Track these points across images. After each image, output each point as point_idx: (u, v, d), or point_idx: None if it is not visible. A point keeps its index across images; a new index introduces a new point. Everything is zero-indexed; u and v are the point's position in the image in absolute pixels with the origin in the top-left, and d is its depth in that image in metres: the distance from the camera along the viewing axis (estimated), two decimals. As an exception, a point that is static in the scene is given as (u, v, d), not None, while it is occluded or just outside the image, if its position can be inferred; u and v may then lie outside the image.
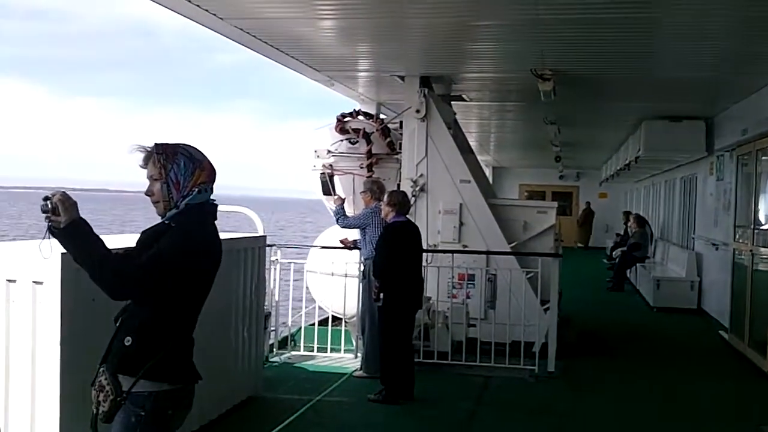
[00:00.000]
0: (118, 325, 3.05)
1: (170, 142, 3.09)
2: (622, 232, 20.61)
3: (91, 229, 2.89)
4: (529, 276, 8.92)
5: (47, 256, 2.96)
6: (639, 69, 9.11)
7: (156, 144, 3.06)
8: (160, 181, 3.01)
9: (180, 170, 3.01)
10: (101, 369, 3.02)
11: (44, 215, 2.85)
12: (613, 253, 18.85)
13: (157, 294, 2.93)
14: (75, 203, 2.86)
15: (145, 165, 3.06)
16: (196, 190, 3.04)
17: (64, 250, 2.90)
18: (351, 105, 11.63)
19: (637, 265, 16.90)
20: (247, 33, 7.51)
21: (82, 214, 2.91)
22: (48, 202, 2.84)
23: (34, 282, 4.42)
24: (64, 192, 2.87)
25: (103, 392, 2.97)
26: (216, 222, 3.19)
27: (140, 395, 2.93)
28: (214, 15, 6.76)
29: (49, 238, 2.89)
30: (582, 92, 10.71)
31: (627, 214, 21.01)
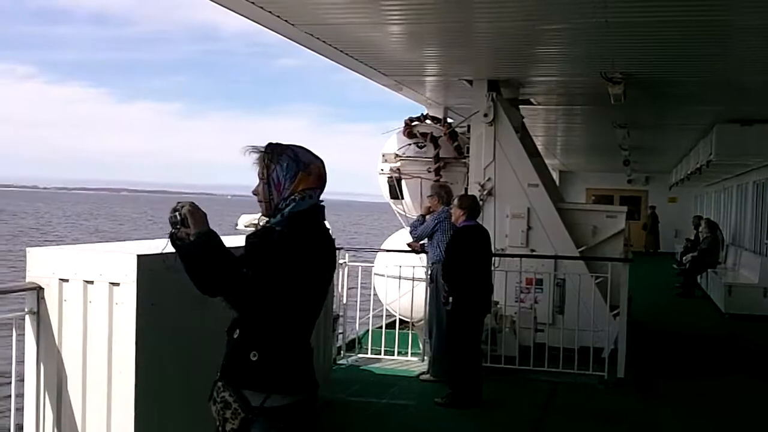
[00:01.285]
0: (235, 338, 2.89)
1: (285, 143, 2.97)
2: (692, 237, 20.14)
3: (221, 241, 2.78)
4: (598, 281, 8.80)
5: (176, 267, 2.85)
6: (710, 71, 8.92)
7: (268, 143, 2.95)
8: (263, 180, 2.91)
9: (282, 171, 2.88)
10: (220, 384, 2.90)
11: (171, 226, 2.76)
12: (684, 258, 18.43)
13: (280, 305, 2.80)
14: (204, 215, 2.78)
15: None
16: (298, 196, 2.87)
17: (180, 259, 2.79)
18: (418, 109, 11.67)
19: (708, 270, 16.49)
20: (318, 39, 7.62)
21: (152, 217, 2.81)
22: (177, 213, 2.75)
23: (110, 283, 4.55)
24: (192, 203, 2.77)
25: (230, 409, 2.83)
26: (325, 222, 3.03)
27: (275, 409, 2.80)
28: (286, 21, 6.88)
29: (171, 249, 2.79)
30: (652, 95, 10.53)
31: (698, 218, 20.51)
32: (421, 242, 8.61)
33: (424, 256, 8.85)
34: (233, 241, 6.77)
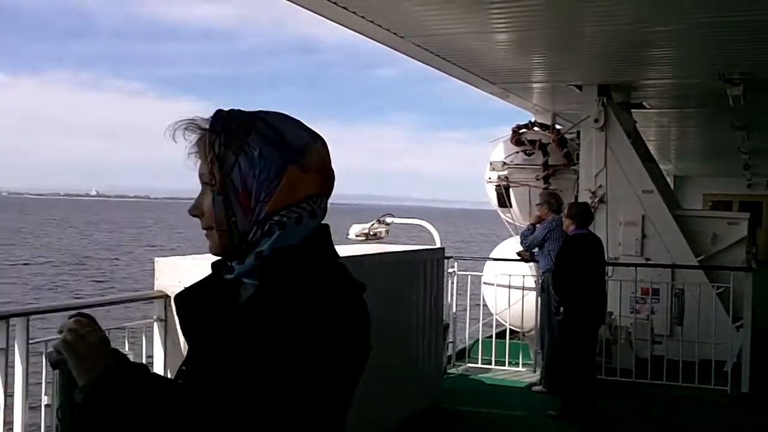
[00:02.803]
0: None
1: (250, 111, 1.58)
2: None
3: (149, 381, 1.45)
4: (719, 291, 8.46)
5: None
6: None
7: (217, 111, 1.55)
8: (212, 188, 1.51)
9: (252, 166, 1.49)
10: None
11: (52, 367, 1.48)
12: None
13: None
14: (101, 341, 1.46)
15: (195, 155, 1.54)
16: (289, 216, 1.49)
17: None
18: (517, 113, 11.60)
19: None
20: (426, 50, 7.69)
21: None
22: (53, 350, 1.46)
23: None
24: (79, 320, 1.48)
25: None
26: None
27: None
28: (395, 34, 6.99)
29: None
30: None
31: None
32: (531, 251, 8.52)
33: (533, 264, 8.75)
34: (345, 250, 6.90)
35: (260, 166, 1.48)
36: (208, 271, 1.59)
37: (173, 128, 1.51)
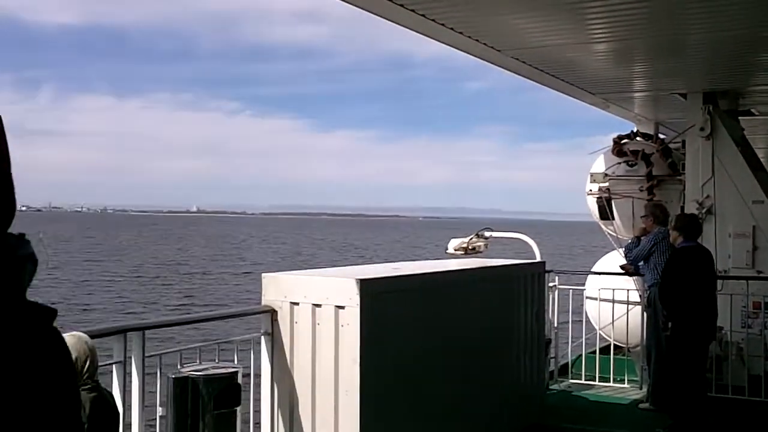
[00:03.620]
0: None
1: None
2: None
3: None
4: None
5: None
6: None
7: None
8: None
9: None
10: None
11: None
12: None
13: None
14: None
15: None
16: None
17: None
18: (607, 122, 11.37)
19: None
20: (524, 62, 7.65)
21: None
22: None
23: (336, 306, 4.80)
24: None
25: None
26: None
27: None
28: (492, 48, 6.98)
29: None
30: None
31: None
32: (636, 264, 8.31)
33: (638, 278, 8.53)
34: (444, 265, 6.90)
35: None
36: (313, 285, 1.61)
37: None
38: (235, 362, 4.87)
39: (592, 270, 10.64)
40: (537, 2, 5.97)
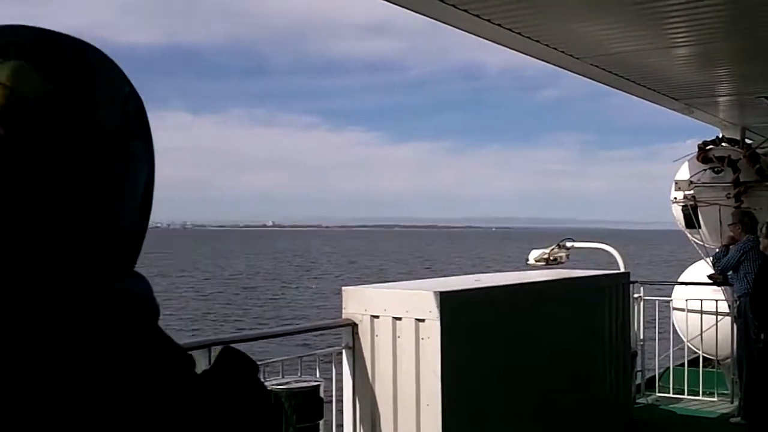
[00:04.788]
0: None
1: None
2: None
3: None
4: None
5: None
6: None
7: None
8: None
9: None
10: None
11: None
12: None
13: None
14: None
15: None
16: None
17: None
18: (684, 128, 11.04)
19: None
20: (603, 69, 7.54)
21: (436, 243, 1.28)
22: None
23: (416, 319, 4.80)
24: None
25: None
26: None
27: None
28: (571, 56, 6.90)
29: None
30: None
31: None
32: (725, 274, 8.06)
33: (727, 288, 8.26)
34: (525, 276, 6.83)
35: None
36: (393, 298, 1.63)
37: None
38: (318, 375, 4.91)
39: (679, 280, 10.36)
40: (614, 9, 5.88)
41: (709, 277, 8.30)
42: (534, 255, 8.50)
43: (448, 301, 4.72)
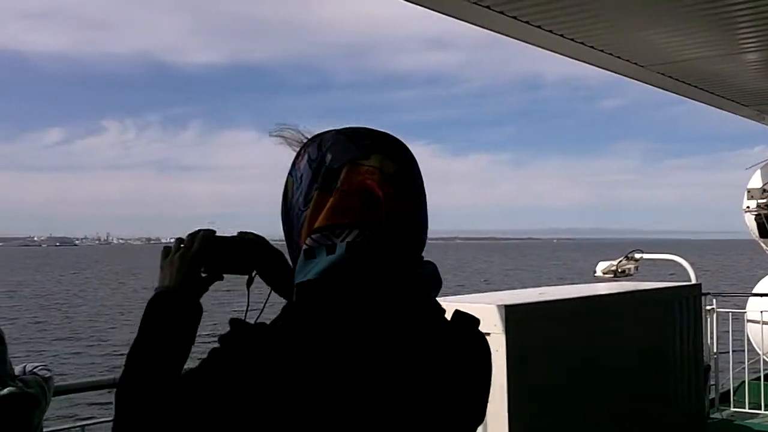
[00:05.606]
0: None
1: (323, 131, 1.47)
2: None
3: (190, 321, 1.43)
4: None
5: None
6: None
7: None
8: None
9: (294, 192, 1.41)
10: None
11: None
12: None
13: None
14: (197, 253, 1.46)
15: None
16: (306, 247, 1.35)
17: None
18: (752, 136, 10.69)
19: None
20: (669, 77, 7.41)
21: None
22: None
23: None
24: (207, 230, 1.49)
25: None
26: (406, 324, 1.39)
27: None
28: (635, 64, 6.82)
29: None
30: None
31: None
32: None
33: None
34: (592, 289, 6.74)
35: (298, 191, 1.39)
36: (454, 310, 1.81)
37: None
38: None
39: (753, 291, 10.05)
40: (680, 16, 5.78)
41: (786, 288, 8.04)
42: (601, 267, 8.36)
43: (513, 315, 4.67)
